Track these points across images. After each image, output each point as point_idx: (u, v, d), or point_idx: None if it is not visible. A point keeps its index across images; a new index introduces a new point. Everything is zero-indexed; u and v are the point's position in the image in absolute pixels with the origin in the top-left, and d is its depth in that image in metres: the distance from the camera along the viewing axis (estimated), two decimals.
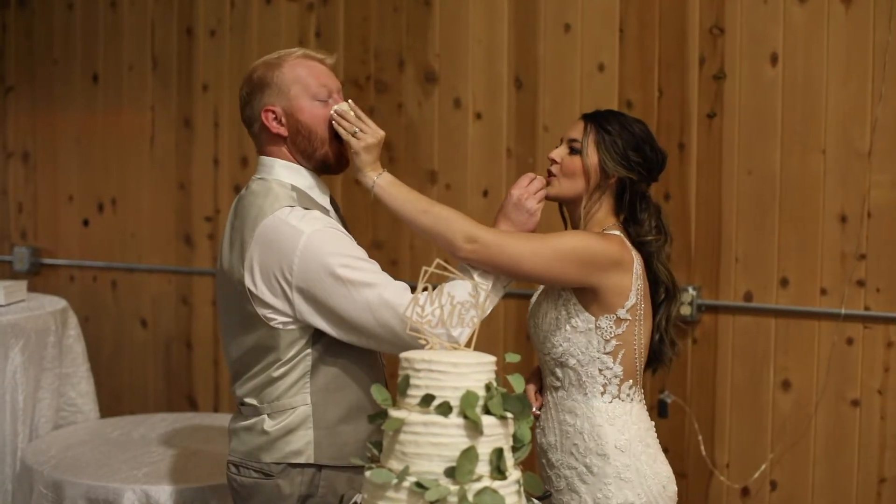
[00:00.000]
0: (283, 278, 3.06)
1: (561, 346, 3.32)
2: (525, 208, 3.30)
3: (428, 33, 5.40)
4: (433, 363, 2.52)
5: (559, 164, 3.39)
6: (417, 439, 2.49)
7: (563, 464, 3.34)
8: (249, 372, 3.20)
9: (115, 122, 6.34)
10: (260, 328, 3.14)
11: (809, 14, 4.63)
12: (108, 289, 6.40)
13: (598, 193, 3.36)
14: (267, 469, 3.17)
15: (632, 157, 3.32)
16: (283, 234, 3.08)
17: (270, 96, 3.24)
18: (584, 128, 3.37)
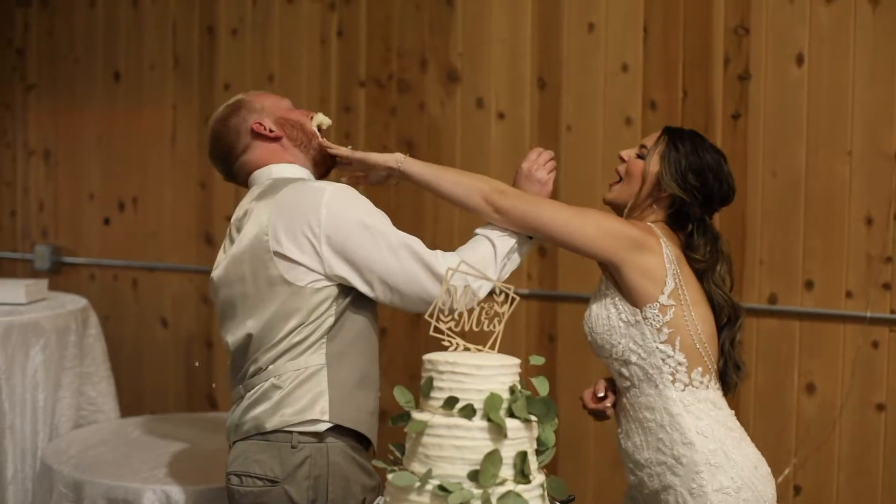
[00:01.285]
0: (311, 232, 3.13)
1: (619, 343, 3.33)
2: (536, 178, 3.40)
3: (451, 32, 5.37)
4: (457, 365, 2.51)
5: (626, 162, 3.45)
6: (441, 442, 2.48)
7: (652, 461, 3.33)
8: (266, 345, 3.20)
9: (137, 121, 6.34)
10: (283, 293, 3.16)
11: (836, 14, 4.59)
12: (129, 288, 6.39)
13: (648, 201, 3.40)
14: (271, 475, 3.15)
15: (690, 179, 3.34)
16: (306, 193, 3.19)
17: (251, 114, 3.40)
18: (658, 138, 3.42)
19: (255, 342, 3.22)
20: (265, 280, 3.17)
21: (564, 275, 5.09)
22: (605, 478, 5.09)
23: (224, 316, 3.34)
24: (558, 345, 5.15)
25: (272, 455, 3.16)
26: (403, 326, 5.41)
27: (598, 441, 5.09)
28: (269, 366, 3.20)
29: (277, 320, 3.18)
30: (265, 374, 3.20)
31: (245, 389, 3.26)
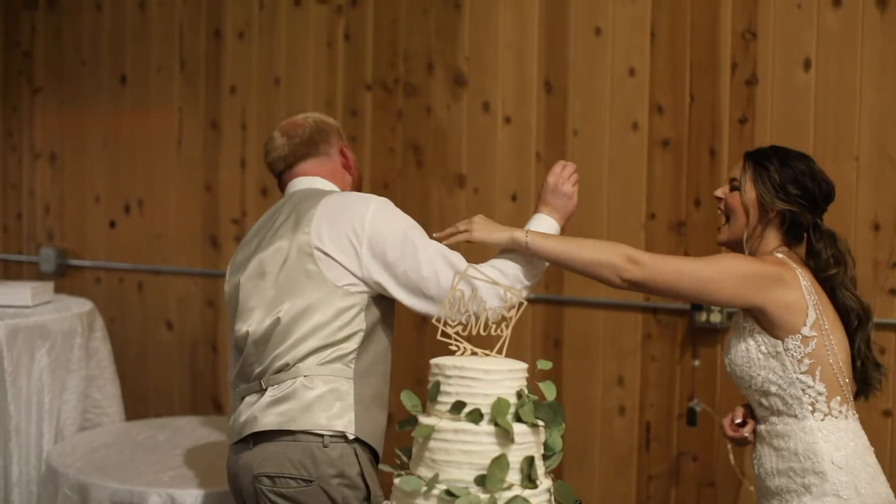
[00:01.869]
0: (354, 235, 3.27)
1: (759, 375, 3.33)
2: (562, 192, 3.50)
3: (457, 36, 5.37)
4: (464, 370, 2.51)
5: (723, 199, 3.47)
6: (448, 446, 2.47)
7: (782, 488, 3.34)
8: (292, 338, 3.29)
9: (143, 124, 6.34)
10: (318, 288, 3.28)
11: (843, 19, 4.58)
12: (135, 290, 6.39)
13: (759, 227, 3.41)
14: (305, 474, 3.21)
15: (791, 190, 3.36)
16: (352, 201, 3.36)
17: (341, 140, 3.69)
18: (743, 165, 3.44)
19: (281, 333, 3.29)
20: (303, 273, 3.29)
21: (570, 280, 5.08)
22: (610, 484, 5.08)
23: (246, 305, 3.41)
24: (564, 349, 5.14)
25: (304, 454, 3.22)
26: (409, 331, 5.41)
27: (603, 447, 5.08)
28: (298, 364, 3.27)
29: (309, 314, 3.27)
30: (293, 372, 3.27)
31: (267, 384, 3.31)
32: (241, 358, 3.43)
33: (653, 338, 4.96)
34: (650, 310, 4.96)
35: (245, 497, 3.35)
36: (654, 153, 4.93)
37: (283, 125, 3.67)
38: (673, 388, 4.93)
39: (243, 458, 3.33)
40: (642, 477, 5.02)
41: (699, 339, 4.85)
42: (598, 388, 5.09)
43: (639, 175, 4.97)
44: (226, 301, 3.58)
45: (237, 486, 3.39)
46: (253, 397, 3.35)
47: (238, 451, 3.37)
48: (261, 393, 3.32)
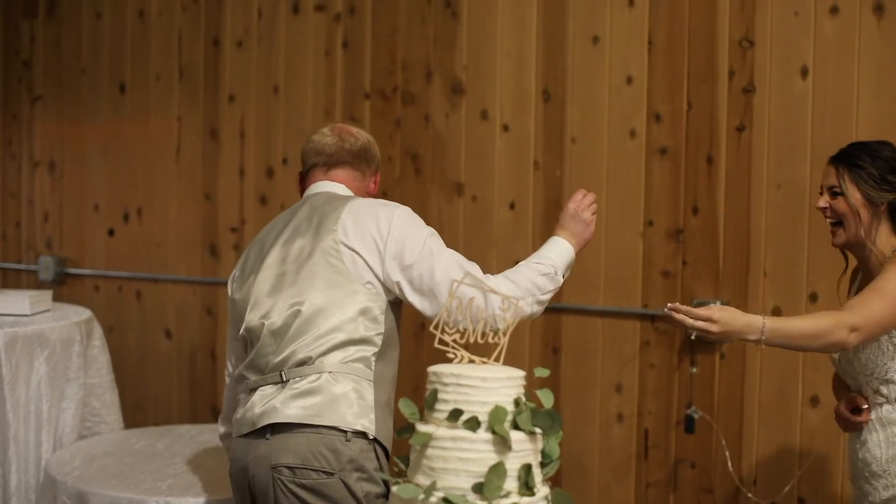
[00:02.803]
0: (378, 236, 3.39)
1: (885, 364, 3.41)
2: (581, 219, 3.59)
3: (456, 45, 5.38)
4: (461, 377, 2.51)
5: (828, 208, 3.52)
6: (445, 454, 2.47)
7: (890, 472, 3.41)
8: (315, 331, 3.36)
9: (142, 132, 6.35)
10: (341, 282, 3.38)
11: (840, 26, 4.59)
12: (133, 299, 6.40)
13: (875, 223, 3.46)
14: (328, 467, 3.26)
15: (890, 178, 3.44)
16: (378, 207, 3.48)
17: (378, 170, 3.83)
18: (836, 171, 3.50)
19: (302, 325, 3.36)
20: (329, 268, 3.38)
21: (568, 287, 5.08)
22: (608, 491, 5.08)
23: (262, 297, 3.47)
24: (562, 357, 5.15)
25: (327, 447, 3.27)
26: (407, 337, 5.41)
27: (602, 454, 5.08)
28: (321, 358, 3.34)
29: (332, 310, 3.36)
30: (316, 367, 3.34)
31: (288, 376, 3.36)
32: (253, 349, 3.46)
33: (651, 345, 4.96)
34: (648, 317, 4.97)
35: (255, 489, 3.36)
36: (652, 161, 4.94)
37: (338, 127, 3.75)
38: (671, 395, 4.94)
39: (258, 449, 3.35)
40: (641, 484, 5.02)
41: (697, 346, 4.85)
42: (596, 396, 5.09)
43: (637, 182, 4.97)
44: (234, 298, 3.61)
45: (245, 478, 3.40)
46: (269, 388, 3.39)
47: (250, 442, 3.38)
48: (280, 385, 3.37)
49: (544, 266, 3.43)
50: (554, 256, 3.48)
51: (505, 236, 5.25)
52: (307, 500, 3.27)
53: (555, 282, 3.45)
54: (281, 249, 3.49)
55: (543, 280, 3.41)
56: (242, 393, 3.48)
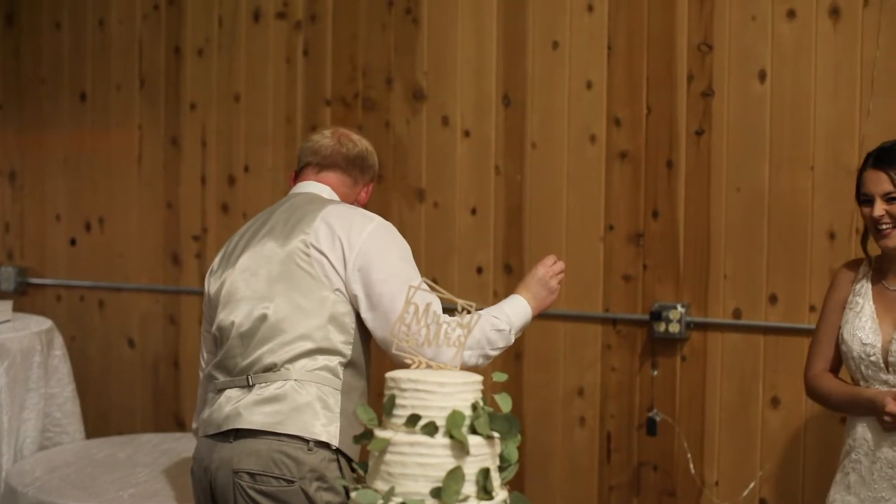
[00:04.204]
0: (347, 242, 3.34)
1: None
2: (548, 286, 3.57)
3: (416, 51, 5.39)
4: (419, 382, 2.51)
5: (884, 215, 3.50)
6: (403, 459, 2.48)
7: None
8: (282, 336, 3.33)
9: (103, 141, 6.33)
10: (310, 286, 3.34)
11: (797, 30, 4.62)
12: (96, 308, 6.37)
13: None
14: (288, 475, 3.25)
15: None
16: (354, 214, 3.44)
17: (371, 182, 3.82)
18: (889, 177, 3.49)
19: (269, 330, 3.34)
20: (299, 270, 3.35)
21: None
22: (571, 495, 5.09)
23: (234, 296, 3.45)
24: (524, 361, 5.16)
25: (288, 456, 3.26)
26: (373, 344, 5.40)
27: (564, 458, 5.09)
28: (287, 365, 3.32)
29: (301, 315, 3.33)
30: (283, 374, 3.31)
31: (254, 380, 3.34)
32: (223, 349, 3.45)
33: (612, 349, 4.98)
34: (610, 321, 4.99)
35: (216, 490, 3.36)
36: (612, 165, 4.96)
37: (339, 131, 3.74)
38: (633, 398, 4.95)
39: (221, 452, 3.34)
40: (603, 487, 5.03)
41: (658, 349, 4.87)
42: (558, 400, 5.11)
43: (597, 187, 4.99)
44: (209, 292, 3.59)
45: (206, 477, 3.39)
46: (236, 392, 3.37)
47: (214, 444, 3.38)
48: (246, 389, 3.35)
49: (500, 322, 3.37)
50: (512, 315, 3.43)
51: (467, 242, 5.26)
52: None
53: (506, 340, 3.40)
54: (254, 249, 3.47)
55: (496, 336, 3.35)
56: (211, 392, 3.47)
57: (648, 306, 4.88)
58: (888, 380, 3.51)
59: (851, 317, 3.60)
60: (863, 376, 3.58)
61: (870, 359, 3.54)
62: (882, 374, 3.52)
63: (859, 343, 3.54)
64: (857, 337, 3.55)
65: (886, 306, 3.56)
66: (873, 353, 3.52)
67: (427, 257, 5.33)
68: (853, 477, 3.61)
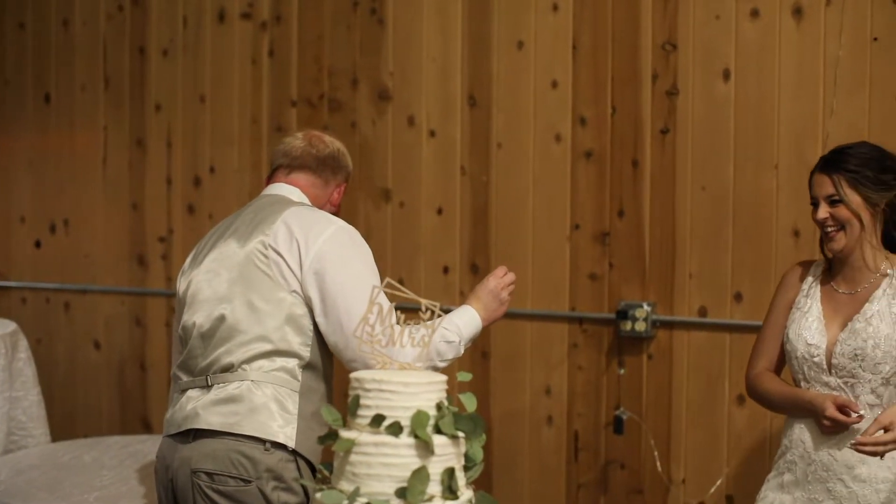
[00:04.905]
0: (304, 244, 3.33)
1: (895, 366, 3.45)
2: (499, 298, 3.57)
3: (381, 51, 5.38)
4: (383, 383, 2.51)
5: (828, 218, 3.52)
6: (368, 460, 2.48)
7: (879, 478, 3.43)
8: (240, 337, 3.34)
9: (68, 143, 6.30)
10: (268, 287, 3.34)
11: (761, 29, 4.64)
12: (61, 310, 6.34)
13: (876, 225, 3.53)
14: (245, 474, 3.26)
15: (884, 178, 3.49)
16: (319, 217, 3.43)
17: (345, 182, 3.77)
18: (832, 180, 3.50)
19: (227, 330, 3.35)
20: (258, 272, 3.35)
21: None
22: (539, 493, 5.10)
23: (197, 297, 3.46)
24: (491, 361, 5.16)
25: (244, 456, 3.27)
26: None
27: (532, 457, 5.10)
28: (244, 366, 3.32)
29: (258, 316, 3.33)
30: (240, 374, 3.32)
31: (213, 381, 3.35)
32: (186, 349, 3.47)
33: (579, 347, 4.99)
34: (576, 320, 4.99)
35: (177, 489, 3.38)
36: (578, 165, 4.97)
37: (311, 133, 3.74)
38: (600, 397, 4.96)
39: (181, 451, 3.36)
40: (571, 486, 5.04)
41: (625, 348, 4.88)
42: (525, 399, 5.11)
43: (563, 186, 5.00)
44: (178, 294, 3.61)
45: (168, 477, 3.41)
46: (196, 392, 3.39)
47: (175, 443, 3.40)
48: (205, 389, 3.37)
49: (450, 333, 3.36)
50: (462, 326, 3.43)
51: (433, 242, 5.25)
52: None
53: (455, 351, 3.39)
54: (218, 250, 3.48)
55: (445, 347, 3.33)
56: (176, 392, 3.50)
57: (615, 305, 4.89)
58: (829, 382, 3.51)
59: (798, 317, 3.61)
60: (805, 377, 3.58)
61: (813, 360, 3.54)
62: (824, 376, 3.52)
63: (804, 343, 3.55)
64: (802, 337, 3.56)
65: (834, 309, 3.57)
66: (817, 354, 3.53)
67: (393, 257, 5.33)
68: (787, 477, 3.61)
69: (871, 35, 4.48)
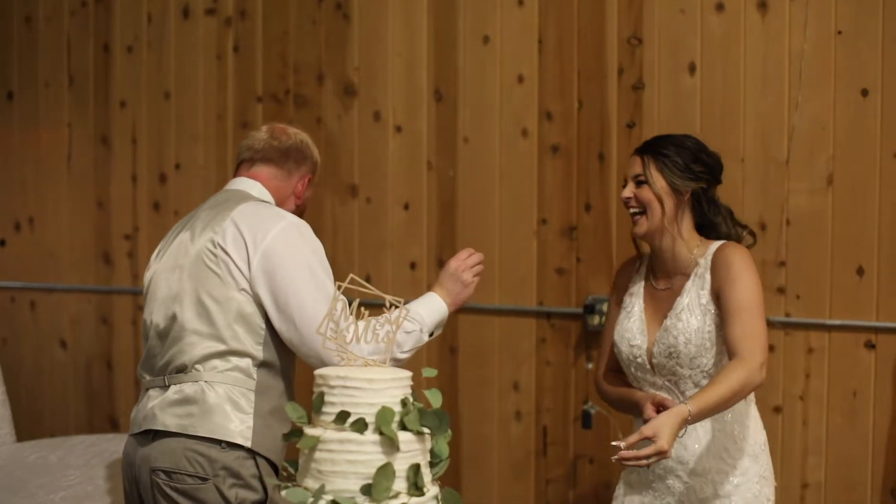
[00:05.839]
0: (251, 243, 3.30)
1: (714, 357, 3.43)
2: (460, 279, 3.55)
3: (347, 47, 5.37)
4: (348, 379, 2.51)
5: (632, 198, 3.51)
6: (333, 457, 2.47)
7: (711, 469, 3.42)
8: (191, 337, 3.33)
9: (32, 140, 6.25)
10: (218, 286, 3.32)
11: (726, 23, 4.65)
12: (27, 309, 6.30)
13: (679, 213, 3.50)
14: (202, 472, 3.26)
15: (694, 168, 3.49)
16: (266, 214, 3.40)
17: (311, 172, 3.72)
18: (642, 161, 3.51)
19: (179, 329, 3.35)
20: (207, 270, 3.33)
21: None
22: (508, 489, 5.10)
23: (155, 296, 3.47)
24: (459, 356, 5.16)
25: (201, 454, 3.27)
26: None
27: (500, 453, 5.10)
28: (198, 366, 3.32)
29: (209, 315, 3.32)
30: (194, 375, 3.32)
31: (169, 381, 3.35)
32: (146, 348, 3.49)
33: (547, 342, 4.99)
34: (544, 315, 4.99)
35: (140, 488, 3.39)
36: (545, 159, 4.97)
37: (275, 126, 3.72)
38: (568, 391, 4.96)
39: (142, 451, 3.38)
40: (540, 481, 5.04)
41: (592, 342, 4.88)
42: (494, 394, 5.11)
43: (530, 181, 5.00)
44: (143, 290, 3.62)
45: (133, 476, 3.42)
46: (156, 392, 3.40)
47: (137, 443, 3.41)
48: (164, 389, 3.38)
49: (409, 323, 3.34)
50: (424, 314, 3.42)
51: (400, 237, 5.24)
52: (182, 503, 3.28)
53: (416, 340, 3.37)
54: (175, 247, 3.48)
55: (403, 338, 3.30)
56: (142, 390, 3.49)
57: (582, 300, 4.89)
58: (656, 381, 3.52)
59: (622, 317, 3.61)
60: (634, 377, 3.58)
61: (637, 360, 3.53)
62: (650, 376, 3.52)
63: (627, 345, 3.55)
64: (625, 338, 3.55)
65: (655, 307, 3.56)
66: (639, 354, 3.52)
67: (360, 253, 5.31)
68: (634, 476, 3.60)
69: (836, 28, 4.50)
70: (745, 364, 3.26)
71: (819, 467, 4.59)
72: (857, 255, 4.52)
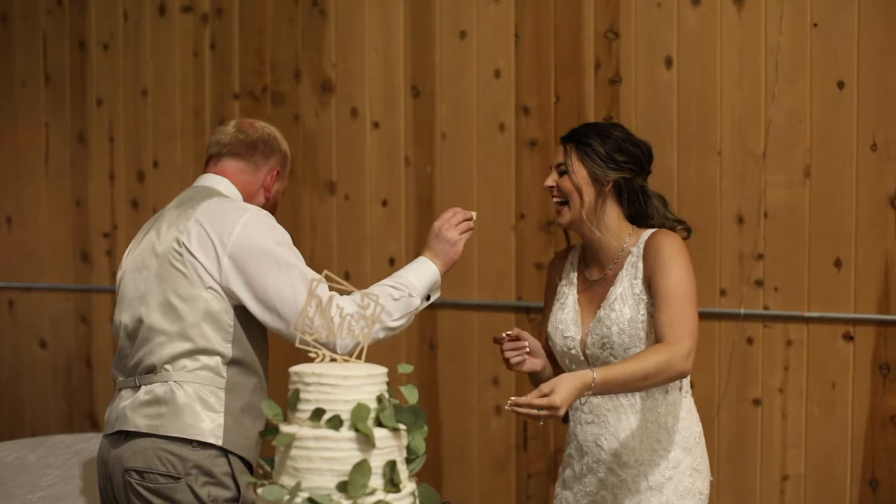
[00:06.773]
0: (218, 242, 3.28)
1: (642, 345, 3.35)
2: (445, 238, 3.48)
3: (324, 43, 5.36)
4: (323, 376, 2.49)
5: (554, 187, 3.44)
6: (309, 454, 2.46)
7: (643, 461, 3.38)
8: (160, 337, 3.32)
9: (9, 139, 6.23)
10: (184, 286, 3.30)
11: (703, 17, 4.66)
12: (6, 309, 6.28)
13: (599, 202, 3.41)
14: (174, 472, 3.26)
15: (618, 157, 3.38)
16: (228, 209, 3.36)
17: (280, 165, 3.64)
18: (565, 149, 3.43)
19: (147, 330, 3.33)
20: (173, 270, 3.31)
21: (444, 282, 5.09)
22: (489, 484, 5.10)
23: (125, 296, 3.45)
24: (439, 352, 5.16)
25: (172, 453, 3.27)
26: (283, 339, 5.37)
27: (481, 447, 5.10)
28: (167, 366, 3.31)
29: (176, 315, 3.31)
30: (163, 375, 3.31)
31: (139, 382, 3.34)
32: (118, 349, 3.48)
33: None
34: (523, 309, 5.00)
35: (115, 488, 3.39)
36: (522, 154, 4.97)
37: (242, 120, 3.69)
38: None
39: (115, 451, 3.37)
40: (521, 475, 5.05)
41: None
42: (474, 389, 5.11)
43: (507, 176, 5.00)
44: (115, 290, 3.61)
45: (106, 475, 3.42)
46: (127, 392, 3.39)
47: (110, 443, 3.41)
48: (135, 390, 3.36)
49: (396, 290, 3.33)
50: (412, 278, 3.39)
51: (378, 233, 5.24)
52: (155, 503, 3.28)
53: (407, 304, 3.34)
54: (142, 247, 3.46)
55: (392, 305, 3.29)
56: (115, 390, 3.48)
57: None
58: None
59: (556, 308, 3.53)
60: (569, 370, 3.46)
61: (570, 352, 3.45)
62: (584, 368, 3.34)
63: (561, 336, 3.47)
64: (559, 330, 3.47)
65: (589, 298, 3.48)
66: (573, 346, 3.45)
67: (339, 250, 5.31)
68: (567, 472, 3.55)
69: (812, 21, 4.51)
70: (669, 349, 3.20)
71: (798, 459, 4.60)
72: (835, 247, 4.54)
